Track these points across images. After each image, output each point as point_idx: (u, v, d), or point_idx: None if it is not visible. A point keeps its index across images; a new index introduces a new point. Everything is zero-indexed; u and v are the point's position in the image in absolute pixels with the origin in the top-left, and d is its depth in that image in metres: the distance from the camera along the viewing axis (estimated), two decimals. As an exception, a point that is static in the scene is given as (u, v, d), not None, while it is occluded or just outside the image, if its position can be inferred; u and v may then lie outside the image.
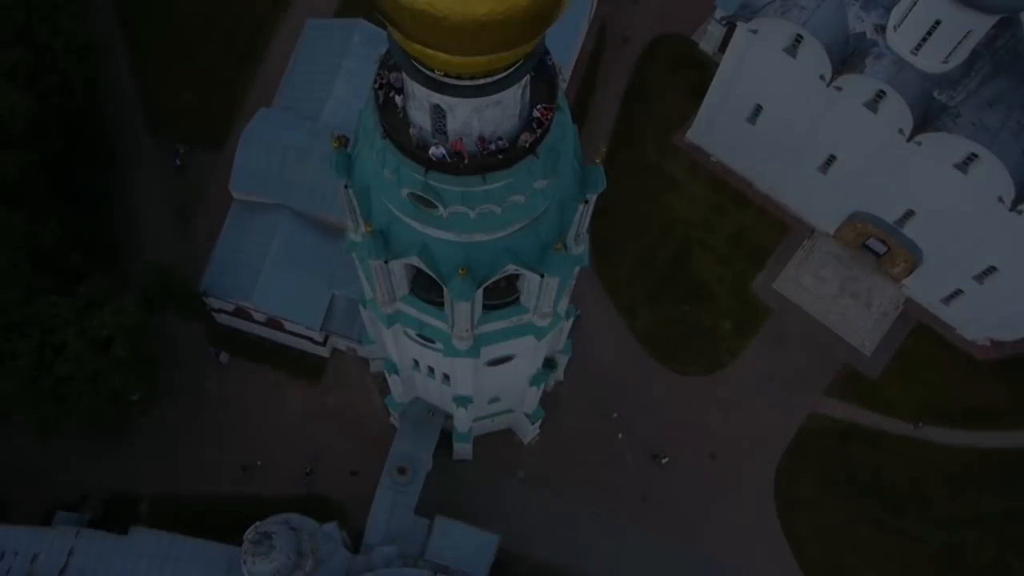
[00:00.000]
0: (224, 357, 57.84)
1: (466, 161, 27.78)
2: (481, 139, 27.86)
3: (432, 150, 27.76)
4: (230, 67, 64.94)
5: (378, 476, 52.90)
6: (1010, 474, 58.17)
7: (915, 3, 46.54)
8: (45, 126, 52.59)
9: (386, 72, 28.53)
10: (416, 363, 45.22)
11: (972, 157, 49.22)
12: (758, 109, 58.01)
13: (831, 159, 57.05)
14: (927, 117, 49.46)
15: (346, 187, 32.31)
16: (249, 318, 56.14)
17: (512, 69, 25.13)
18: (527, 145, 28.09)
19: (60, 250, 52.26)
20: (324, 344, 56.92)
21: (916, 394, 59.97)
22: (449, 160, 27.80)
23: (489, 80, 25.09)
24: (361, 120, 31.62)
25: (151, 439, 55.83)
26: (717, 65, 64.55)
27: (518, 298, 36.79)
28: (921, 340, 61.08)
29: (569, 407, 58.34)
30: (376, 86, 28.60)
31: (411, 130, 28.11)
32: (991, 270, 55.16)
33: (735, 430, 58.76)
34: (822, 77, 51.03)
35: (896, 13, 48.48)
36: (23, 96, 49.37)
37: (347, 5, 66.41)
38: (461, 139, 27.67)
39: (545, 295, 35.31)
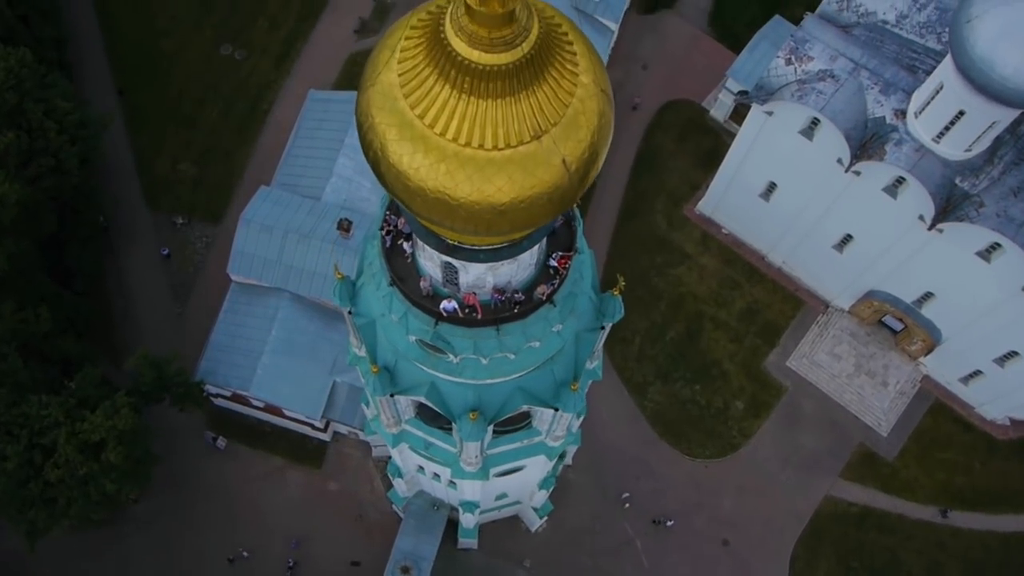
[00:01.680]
0: (221, 442, 56.01)
1: (479, 316, 26.11)
2: (495, 290, 26.20)
3: (444, 304, 26.05)
4: (229, 136, 63.21)
5: (380, 566, 51.35)
6: (1032, 560, 56.49)
7: (937, 92, 44.95)
8: (37, 209, 50.84)
9: (393, 217, 26.85)
10: (421, 468, 43.47)
11: (995, 246, 47.67)
12: (772, 186, 56.42)
13: (847, 238, 55.44)
14: (949, 204, 47.87)
15: (349, 312, 30.75)
16: (247, 403, 54.39)
17: (530, 235, 23.47)
18: (544, 297, 26.41)
19: (51, 336, 50.47)
20: (325, 430, 55.13)
21: (934, 476, 58.21)
22: (461, 314, 26.12)
23: (505, 245, 23.41)
24: (366, 254, 29.84)
25: (146, 530, 53.88)
26: (728, 133, 63.42)
27: (530, 422, 35.07)
28: (939, 419, 59.32)
29: (578, 492, 56.50)
30: (383, 231, 26.91)
31: (421, 282, 26.40)
32: (1012, 354, 53.49)
33: (748, 515, 56.99)
34: (840, 161, 49.45)
35: (917, 99, 46.91)
36: (15, 182, 47.53)
37: (349, 71, 64.81)
38: (474, 292, 26.00)
39: (559, 424, 33.64)
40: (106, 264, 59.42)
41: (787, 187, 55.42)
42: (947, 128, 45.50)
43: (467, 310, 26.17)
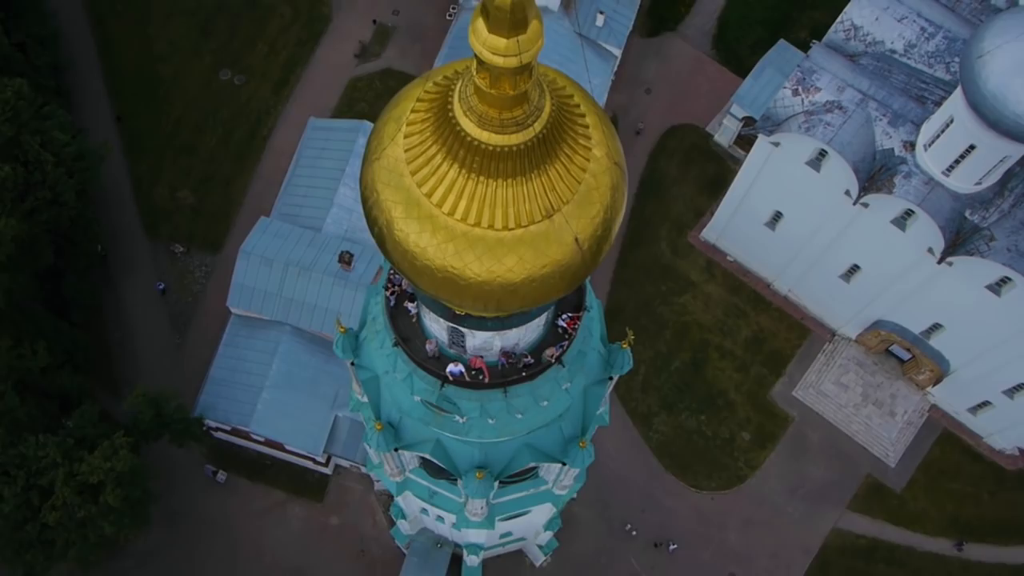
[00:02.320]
0: (221, 476, 55.20)
1: (486, 379, 25.43)
2: (503, 353, 25.52)
3: (450, 367, 25.39)
4: (228, 163, 62.38)
5: (383, 602, 50.54)
6: (1043, 593, 55.77)
7: (947, 126, 44.30)
8: (34, 243, 50.10)
9: (398, 277, 26.15)
10: (425, 510, 42.71)
11: (1005, 279, 47.01)
12: (778, 215, 55.76)
13: (855, 268, 54.76)
14: (958, 237, 47.21)
15: (352, 364, 30.10)
16: (247, 437, 53.64)
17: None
18: (552, 360, 25.73)
19: (49, 371, 49.72)
20: (326, 463, 54.38)
21: (943, 507, 57.49)
22: (468, 378, 25.44)
23: (514, 314, 22.70)
24: (369, 307, 29.17)
25: (145, 566, 53.06)
26: (732, 159, 62.80)
27: (536, 472, 34.35)
28: (947, 449, 58.61)
29: (583, 525, 55.70)
30: (387, 291, 26.22)
31: (427, 344, 25.71)
32: (1022, 387, 52.81)
33: (755, 548, 56.26)
34: (847, 193, 48.78)
35: (926, 131, 46.24)
36: (11, 216, 46.87)
37: (350, 96, 64.14)
38: (481, 355, 25.32)
39: (566, 475, 32.94)
40: (104, 294, 58.62)
41: (794, 217, 54.75)
42: (957, 161, 44.87)
43: (474, 373, 25.51)
